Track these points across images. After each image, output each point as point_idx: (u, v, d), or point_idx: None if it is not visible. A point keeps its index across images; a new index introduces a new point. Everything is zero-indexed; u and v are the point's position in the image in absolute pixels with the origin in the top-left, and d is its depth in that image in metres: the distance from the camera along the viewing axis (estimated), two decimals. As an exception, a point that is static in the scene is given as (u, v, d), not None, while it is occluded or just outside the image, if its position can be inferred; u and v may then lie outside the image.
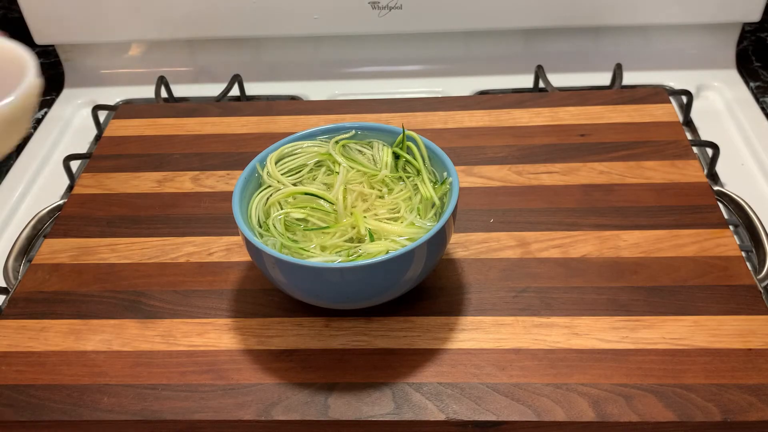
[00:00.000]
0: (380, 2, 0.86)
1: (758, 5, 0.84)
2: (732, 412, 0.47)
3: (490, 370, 0.50)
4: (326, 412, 0.49)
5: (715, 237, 0.59)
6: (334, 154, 0.57)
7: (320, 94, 0.91)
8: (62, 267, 0.60)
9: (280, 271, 0.49)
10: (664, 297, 0.54)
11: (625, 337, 0.52)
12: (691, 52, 0.91)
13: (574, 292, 0.55)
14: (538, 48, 0.92)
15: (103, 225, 0.64)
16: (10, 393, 0.51)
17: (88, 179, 0.70)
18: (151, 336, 0.54)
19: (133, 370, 0.52)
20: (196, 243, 0.62)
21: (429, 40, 0.92)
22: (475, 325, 0.53)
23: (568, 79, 0.89)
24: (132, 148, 0.73)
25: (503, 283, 0.56)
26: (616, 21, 0.87)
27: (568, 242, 0.59)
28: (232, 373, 0.51)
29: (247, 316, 0.55)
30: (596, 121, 0.72)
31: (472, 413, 0.48)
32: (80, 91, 0.93)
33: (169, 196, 0.67)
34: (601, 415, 0.47)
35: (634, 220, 0.61)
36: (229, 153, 0.71)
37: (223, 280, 0.58)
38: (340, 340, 0.53)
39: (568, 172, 0.66)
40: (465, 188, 0.65)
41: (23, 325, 0.56)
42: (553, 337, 0.52)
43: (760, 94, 0.86)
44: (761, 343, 0.51)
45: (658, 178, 0.65)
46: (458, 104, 0.76)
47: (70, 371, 0.52)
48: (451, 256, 0.59)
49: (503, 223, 0.62)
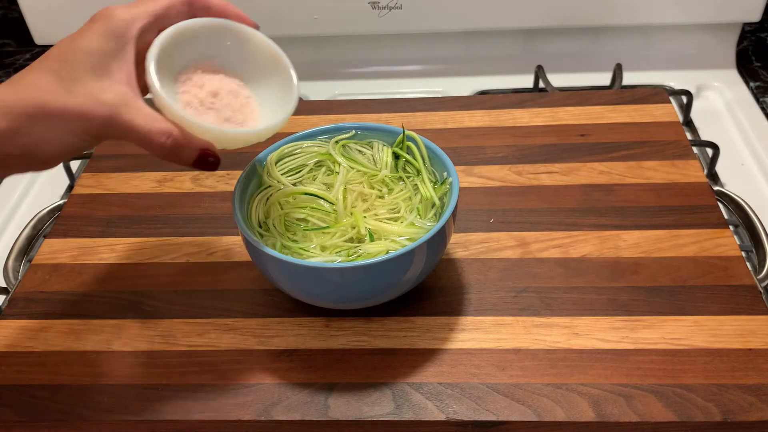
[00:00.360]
0: (380, 2, 0.86)
1: (758, 5, 0.84)
2: (732, 412, 0.47)
3: (490, 370, 0.50)
4: (326, 412, 0.49)
5: (715, 237, 0.59)
6: (334, 154, 0.57)
7: (320, 94, 0.91)
8: (62, 267, 0.60)
9: (280, 271, 0.49)
10: (664, 297, 0.54)
11: (625, 337, 0.52)
12: (691, 52, 0.91)
13: (574, 292, 0.55)
14: (538, 48, 0.92)
15: (103, 225, 0.64)
16: (10, 393, 0.51)
17: (88, 179, 0.70)
18: (151, 336, 0.54)
19: (133, 370, 0.52)
20: (196, 243, 0.62)
21: (429, 40, 0.92)
22: (475, 325, 0.53)
23: (568, 79, 0.89)
24: (132, 148, 0.72)
25: (503, 283, 0.56)
26: (616, 21, 0.87)
27: (568, 242, 0.59)
28: (232, 373, 0.51)
29: (247, 316, 0.55)
30: (596, 121, 0.72)
31: (472, 413, 0.48)
32: (80, 91, 0.93)
33: (169, 196, 0.67)
34: (601, 415, 0.47)
35: (634, 220, 0.61)
36: (229, 153, 0.71)
37: (223, 280, 0.58)
38: (340, 340, 0.53)
39: (568, 172, 0.66)
40: (465, 188, 0.65)
41: (23, 325, 0.56)
42: (553, 337, 0.52)
43: (760, 94, 0.86)
44: (761, 343, 0.51)
45: (658, 178, 0.65)
46: (458, 104, 0.76)
47: (70, 371, 0.52)
48: (451, 256, 0.59)
49: (503, 223, 0.62)
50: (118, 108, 0.43)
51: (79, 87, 0.42)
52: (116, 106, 0.42)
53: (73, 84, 0.42)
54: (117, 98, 0.43)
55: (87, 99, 0.42)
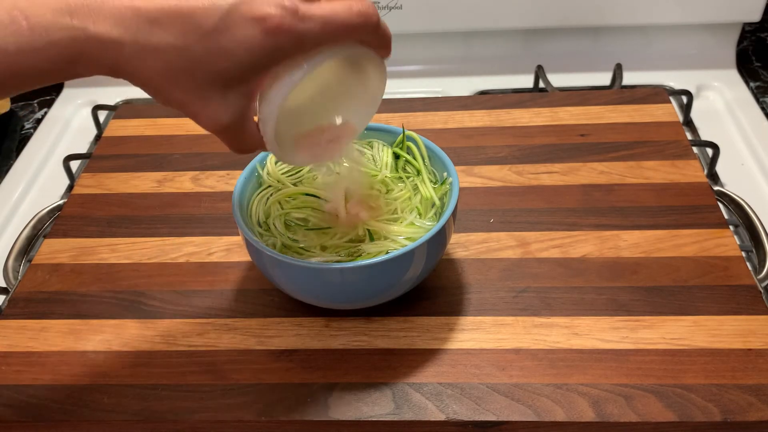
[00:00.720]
0: (380, 2, 0.86)
1: (758, 5, 0.84)
2: (732, 412, 0.47)
3: (490, 370, 0.50)
4: (326, 412, 0.49)
5: (715, 237, 0.59)
6: (334, 154, 0.56)
7: (320, 94, 0.91)
8: (62, 267, 0.60)
9: (280, 271, 0.49)
10: (664, 297, 0.54)
11: (625, 337, 0.52)
12: (691, 52, 0.91)
13: (574, 292, 0.55)
14: (538, 48, 0.92)
15: (103, 225, 0.64)
16: (10, 393, 0.51)
17: (88, 179, 0.70)
18: (151, 336, 0.54)
19: (133, 370, 0.52)
20: (196, 243, 0.62)
21: (429, 40, 0.92)
22: (475, 325, 0.53)
23: (568, 79, 0.89)
24: (132, 148, 0.73)
25: (503, 283, 0.56)
26: (616, 21, 0.87)
27: (568, 242, 0.59)
28: (232, 373, 0.51)
29: (247, 316, 0.55)
30: (596, 121, 0.72)
31: (472, 413, 0.48)
32: (80, 91, 0.93)
33: (169, 196, 0.67)
34: (601, 415, 0.47)
35: (634, 220, 0.61)
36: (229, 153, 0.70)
37: (223, 280, 0.58)
38: (340, 340, 0.53)
39: (568, 172, 0.66)
40: (465, 188, 0.65)
41: (23, 325, 0.56)
42: (553, 337, 0.52)
43: (760, 94, 0.86)
44: (761, 343, 0.51)
45: (658, 178, 0.65)
46: (458, 104, 0.76)
47: (70, 371, 0.52)
48: (451, 256, 0.59)
49: (503, 223, 0.62)
50: (228, 129, 0.41)
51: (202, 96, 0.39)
52: (227, 128, 0.41)
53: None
54: (233, 120, 0.41)
55: (201, 113, 0.40)
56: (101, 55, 0.37)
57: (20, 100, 0.93)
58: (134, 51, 0.37)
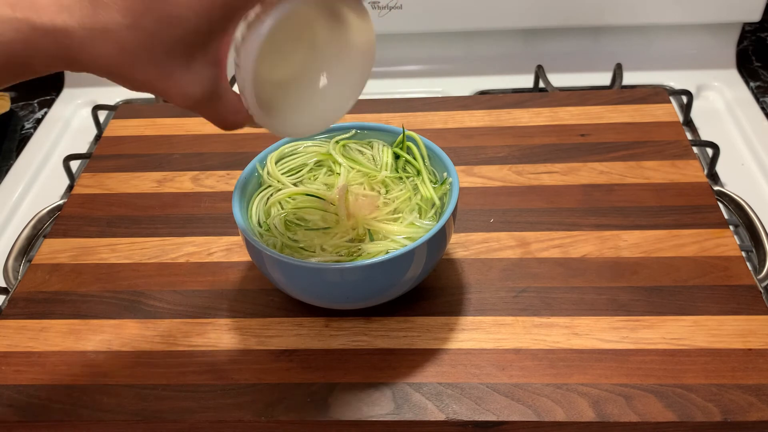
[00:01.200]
0: (380, 2, 0.86)
1: (758, 5, 0.84)
2: (732, 412, 0.47)
3: (490, 370, 0.50)
4: (326, 412, 0.49)
5: (715, 237, 0.59)
6: (335, 154, 0.57)
7: (320, 94, 0.91)
8: (62, 267, 0.60)
9: (280, 271, 0.49)
10: (664, 297, 0.54)
11: (625, 337, 0.52)
12: (691, 52, 0.91)
13: (574, 292, 0.55)
14: (538, 48, 0.92)
15: (103, 225, 0.64)
16: (10, 393, 0.51)
17: (88, 179, 0.70)
18: (151, 336, 0.54)
19: (133, 370, 0.52)
20: (196, 243, 0.62)
21: (429, 40, 0.92)
22: (475, 325, 0.53)
23: (568, 79, 0.89)
24: (132, 148, 0.73)
25: (503, 283, 0.56)
26: (616, 21, 0.87)
27: (568, 242, 0.59)
28: (232, 373, 0.51)
29: (247, 316, 0.55)
30: (596, 121, 0.72)
31: (472, 413, 0.48)
32: (80, 91, 0.93)
33: (169, 196, 0.67)
34: (601, 415, 0.47)
35: (634, 220, 0.61)
36: (229, 153, 0.71)
37: (223, 280, 0.58)
38: (340, 340, 0.53)
39: (568, 172, 0.66)
40: (465, 188, 0.65)
41: (23, 325, 0.56)
42: (553, 337, 0.52)
43: (760, 94, 0.86)
44: (761, 343, 0.51)
45: (658, 178, 0.65)
46: (458, 104, 0.76)
47: (70, 371, 0.52)
48: (451, 256, 0.59)
49: (503, 223, 0.62)
50: (203, 102, 0.39)
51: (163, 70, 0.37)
52: (201, 102, 0.39)
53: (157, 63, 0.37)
54: (205, 91, 0.39)
55: (170, 90, 0.38)
56: (52, 47, 0.35)
57: (20, 100, 0.93)
58: (84, 37, 0.35)
